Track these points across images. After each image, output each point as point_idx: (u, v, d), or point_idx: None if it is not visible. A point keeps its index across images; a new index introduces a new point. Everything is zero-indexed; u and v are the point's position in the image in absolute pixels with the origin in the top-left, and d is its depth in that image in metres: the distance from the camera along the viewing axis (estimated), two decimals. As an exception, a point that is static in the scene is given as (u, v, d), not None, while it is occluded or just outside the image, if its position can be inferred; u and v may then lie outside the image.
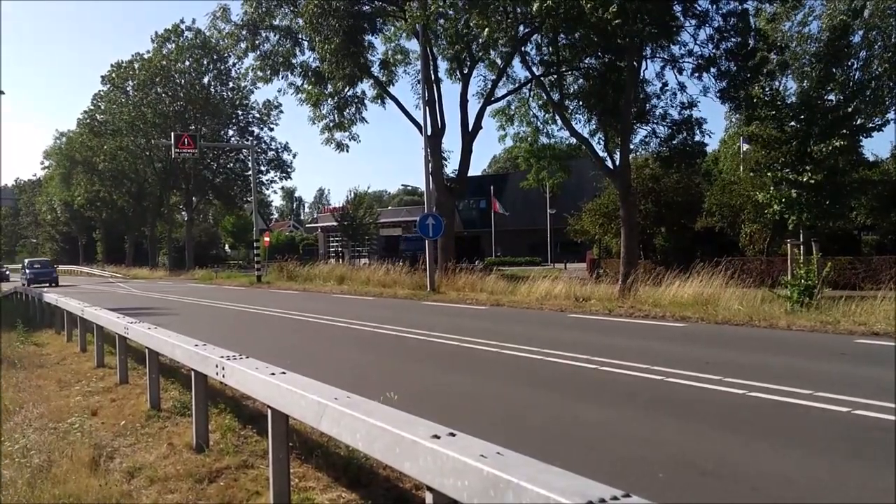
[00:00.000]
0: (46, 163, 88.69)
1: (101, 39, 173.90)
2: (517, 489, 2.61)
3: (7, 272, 50.87)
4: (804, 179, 20.99)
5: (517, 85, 31.28)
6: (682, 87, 24.41)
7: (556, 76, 26.86)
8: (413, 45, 32.07)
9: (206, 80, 62.80)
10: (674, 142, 24.53)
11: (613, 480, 2.62)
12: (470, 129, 30.77)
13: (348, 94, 32.43)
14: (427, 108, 28.62)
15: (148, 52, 62.32)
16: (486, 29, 22.93)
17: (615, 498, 2.41)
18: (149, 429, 7.40)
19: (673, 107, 24.62)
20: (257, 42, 33.45)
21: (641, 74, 24.47)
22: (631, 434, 6.77)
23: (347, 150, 34.35)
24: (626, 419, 7.34)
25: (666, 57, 24.23)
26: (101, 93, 67.70)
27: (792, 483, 5.31)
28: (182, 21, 62.51)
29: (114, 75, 64.71)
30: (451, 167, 34.06)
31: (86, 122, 69.60)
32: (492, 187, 56.51)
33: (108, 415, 8.18)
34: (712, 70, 23.07)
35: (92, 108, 69.53)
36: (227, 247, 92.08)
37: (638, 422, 7.21)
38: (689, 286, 18.37)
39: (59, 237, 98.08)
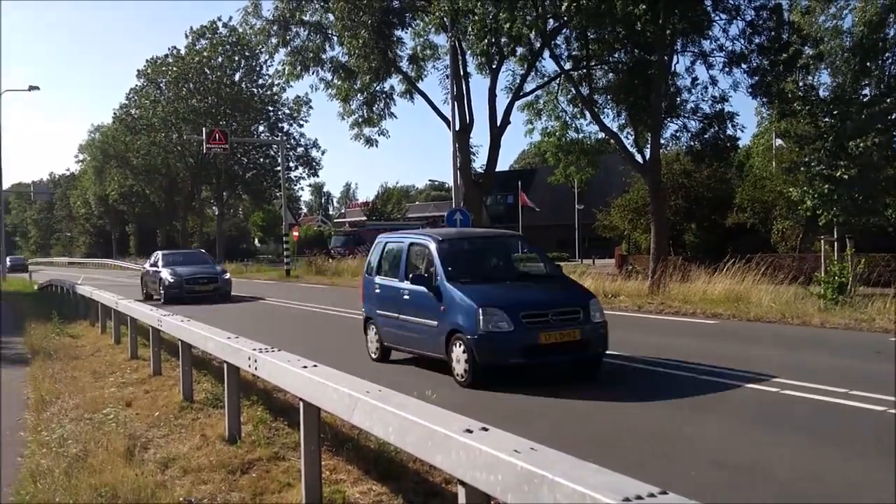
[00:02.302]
0: (81, 157, 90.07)
1: (140, 35, 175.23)
2: (552, 485, 2.60)
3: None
4: (838, 175, 20.63)
5: (546, 79, 31.07)
6: (714, 80, 24.08)
7: (585, 70, 26.64)
8: (442, 40, 31.97)
9: (237, 76, 63.26)
10: (706, 136, 24.18)
11: (639, 476, 2.60)
12: (498, 123, 30.59)
13: (377, 89, 32.46)
14: (455, 103, 28.54)
15: (185, 48, 62.80)
16: (514, 23, 22.79)
17: (651, 495, 2.39)
18: (182, 420, 7.50)
19: (704, 100, 24.25)
20: (288, 38, 33.59)
21: (672, 68, 24.19)
22: (662, 431, 6.73)
23: (377, 146, 34.34)
24: (656, 416, 7.30)
25: (696, 51, 23.92)
26: (136, 87, 68.54)
27: (824, 482, 5.25)
28: (219, 18, 63.02)
29: (148, 70, 65.40)
30: (479, 162, 33.94)
31: (121, 116, 70.45)
32: (519, 182, 56.23)
33: (142, 406, 8.30)
34: (743, 66, 22.74)
35: (126, 102, 70.43)
36: (256, 241, 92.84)
37: (668, 419, 7.16)
38: (720, 283, 18.15)
39: (93, 231, 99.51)
